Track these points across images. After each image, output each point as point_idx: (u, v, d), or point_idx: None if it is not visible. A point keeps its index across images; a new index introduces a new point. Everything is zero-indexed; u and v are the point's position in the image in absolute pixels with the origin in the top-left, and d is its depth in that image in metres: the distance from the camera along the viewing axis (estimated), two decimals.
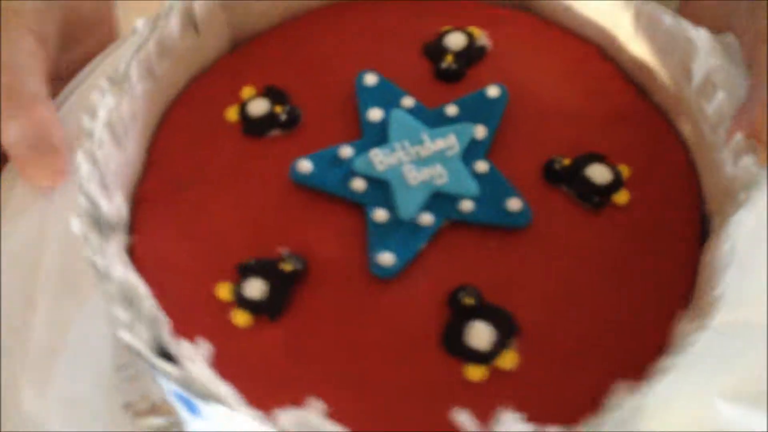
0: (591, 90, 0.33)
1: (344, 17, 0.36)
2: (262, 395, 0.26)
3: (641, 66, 0.33)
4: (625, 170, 0.31)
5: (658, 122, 0.32)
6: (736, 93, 0.34)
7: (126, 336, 0.24)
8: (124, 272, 0.26)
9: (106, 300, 0.26)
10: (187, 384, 0.24)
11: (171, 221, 0.31)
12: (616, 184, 0.30)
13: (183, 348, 0.25)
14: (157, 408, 0.30)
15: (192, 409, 0.26)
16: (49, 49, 0.35)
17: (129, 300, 0.26)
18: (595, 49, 0.34)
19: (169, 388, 0.27)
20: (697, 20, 0.39)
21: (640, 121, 0.32)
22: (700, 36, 0.30)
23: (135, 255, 0.30)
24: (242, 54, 0.35)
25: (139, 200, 0.32)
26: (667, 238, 0.29)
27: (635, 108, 0.33)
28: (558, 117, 0.32)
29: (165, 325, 0.26)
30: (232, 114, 0.33)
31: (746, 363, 0.30)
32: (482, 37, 0.35)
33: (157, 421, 0.30)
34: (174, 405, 0.29)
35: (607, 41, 0.34)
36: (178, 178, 0.32)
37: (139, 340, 0.25)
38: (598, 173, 0.30)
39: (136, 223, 0.31)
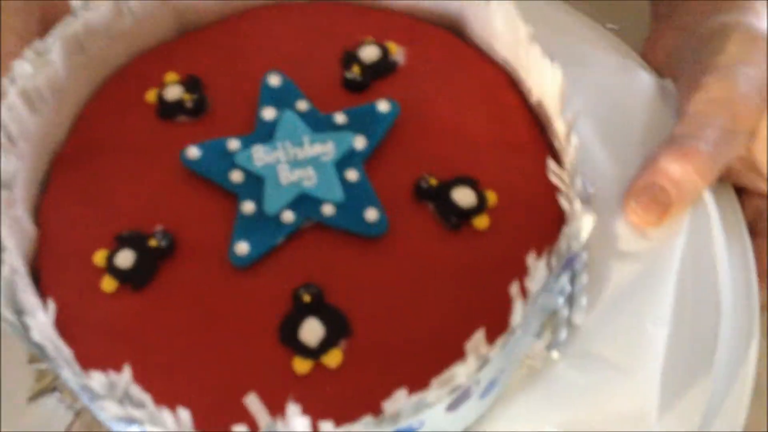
0: (489, 117, 0.35)
1: (280, 17, 0.38)
2: (106, 357, 0.29)
3: (540, 103, 0.34)
4: (491, 197, 0.32)
5: (542, 157, 0.33)
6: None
7: None
8: None
9: None
10: (24, 335, 0.27)
11: (75, 185, 0.34)
12: (478, 208, 0.31)
13: (29, 303, 0.28)
14: None
15: None
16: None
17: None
18: (505, 78, 0.36)
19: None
20: (655, 62, 0.40)
21: (526, 154, 0.33)
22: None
23: (40, 212, 0.33)
24: (179, 42, 0.38)
25: (55, 163, 0.35)
26: (517, 265, 0.30)
27: (525, 140, 0.34)
28: (445, 138, 0.34)
29: (21, 280, 0.28)
30: (151, 96, 0.36)
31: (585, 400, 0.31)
32: (398, 53, 0.36)
33: None
34: None
35: (516, 72, 0.35)
36: (91, 147, 0.35)
37: None
38: (463, 196, 0.32)
39: (49, 184, 0.34)
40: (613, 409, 0.31)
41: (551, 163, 0.30)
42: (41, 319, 0.28)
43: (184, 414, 0.25)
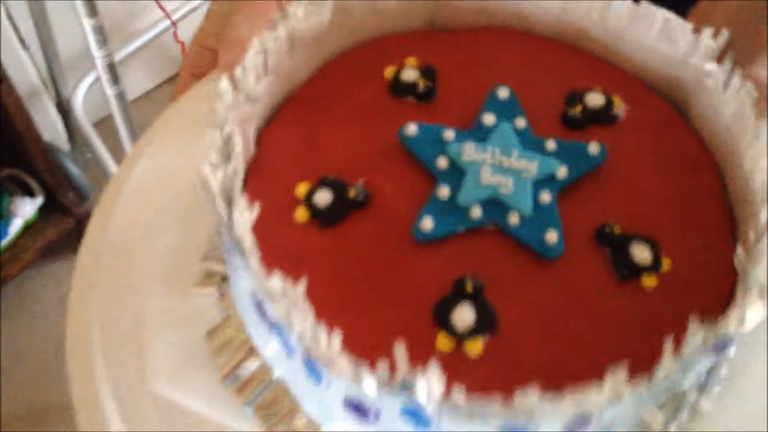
0: (686, 191, 0.36)
1: (523, 43, 0.41)
2: (283, 270, 0.32)
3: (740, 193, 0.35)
4: (666, 262, 0.33)
5: (725, 240, 0.34)
6: None
7: (206, 170, 0.31)
8: (231, 129, 0.33)
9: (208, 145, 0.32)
10: (228, 229, 0.31)
11: (299, 124, 0.38)
12: (652, 268, 0.33)
13: (240, 202, 0.31)
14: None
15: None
16: None
17: (226, 153, 0.33)
18: (710, 162, 0.37)
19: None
20: (714, 21, 0.40)
21: (711, 233, 0.34)
22: None
23: (262, 137, 0.37)
24: (427, 34, 0.41)
25: (288, 100, 0.39)
26: (672, 329, 0.31)
27: (713, 221, 0.35)
28: (639, 197, 0.35)
29: (238, 180, 0.32)
30: (389, 72, 0.39)
31: None
32: (620, 108, 0.38)
33: None
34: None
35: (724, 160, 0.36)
36: (323, 97, 0.39)
37: (215, 180, 0.31)
38: (640, 252, 0.33)
39: (277, 116, 0.38)
40: None
41: (740, 250, 0.31)
42: (246, 217, 0.31)
43: (337, 338, 0.28)
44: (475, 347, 0.31)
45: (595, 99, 0.38)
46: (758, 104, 0.34)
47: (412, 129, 0.36)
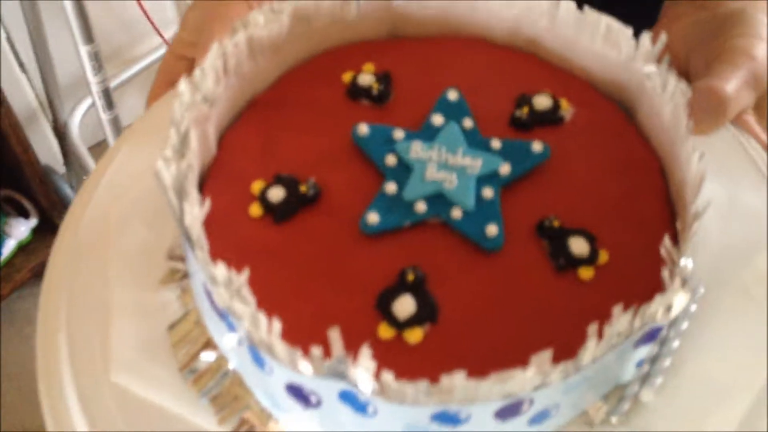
0: (628, 189, 0.37)
1: (476, 51, 0.43)
2: (231, 261, 0.33)
3: (678, 191, 0.36)
4: (603, 255, 0.34)
5: (662, 235, 0.35)
6: None
7: (161, 165, 0.33)
8: (187, 127, 0.35)
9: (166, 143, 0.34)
10: (180, 222, 0.32)
11: (258, 127, 0.39)
12: (588, 260, 0.34)
13: (191, 195, 0.33)
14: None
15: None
16: None
17: (181, 150, 0.34)
18: (655, 163, 0.38)
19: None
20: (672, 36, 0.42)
21: (649, 229, 0.35)
22: None
23: (222, 140, 0.39)
24: (386, 42, 0.43)
25: (249, 105, 0.40)
26: (605, 317, 0.32)
27: (653, 218, 0.36)
28: (581, 194, 0.36)
29: (192, 175, 0.34)
30: (347, 77, 0.41)
31: None
32: (567, 111, 0.39)
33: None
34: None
35: (666, 158, 0.38)
36: (282, 101, 0.40)
37: (167, 174, 0.33)
38: (578, 245, 0.34)
39: (239, 120, 0.40)
40: None
41: (666, 240, 0.32)
42: (196, 210, 0.33)
43: (277, 324, 0.29)
44: (415, 335, 0.32)
45: (542, 101, 0.39)
46: (691, 105, 0.35)
47: (363, 129, 0.37)
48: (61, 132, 1.25)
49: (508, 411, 0.30)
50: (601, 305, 0.33)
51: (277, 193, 0.36)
